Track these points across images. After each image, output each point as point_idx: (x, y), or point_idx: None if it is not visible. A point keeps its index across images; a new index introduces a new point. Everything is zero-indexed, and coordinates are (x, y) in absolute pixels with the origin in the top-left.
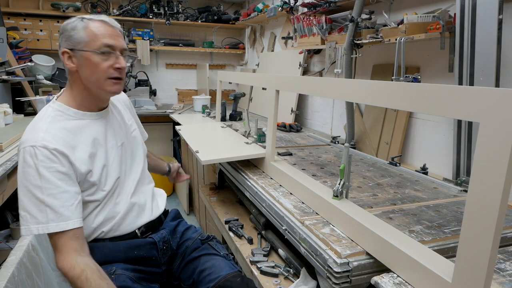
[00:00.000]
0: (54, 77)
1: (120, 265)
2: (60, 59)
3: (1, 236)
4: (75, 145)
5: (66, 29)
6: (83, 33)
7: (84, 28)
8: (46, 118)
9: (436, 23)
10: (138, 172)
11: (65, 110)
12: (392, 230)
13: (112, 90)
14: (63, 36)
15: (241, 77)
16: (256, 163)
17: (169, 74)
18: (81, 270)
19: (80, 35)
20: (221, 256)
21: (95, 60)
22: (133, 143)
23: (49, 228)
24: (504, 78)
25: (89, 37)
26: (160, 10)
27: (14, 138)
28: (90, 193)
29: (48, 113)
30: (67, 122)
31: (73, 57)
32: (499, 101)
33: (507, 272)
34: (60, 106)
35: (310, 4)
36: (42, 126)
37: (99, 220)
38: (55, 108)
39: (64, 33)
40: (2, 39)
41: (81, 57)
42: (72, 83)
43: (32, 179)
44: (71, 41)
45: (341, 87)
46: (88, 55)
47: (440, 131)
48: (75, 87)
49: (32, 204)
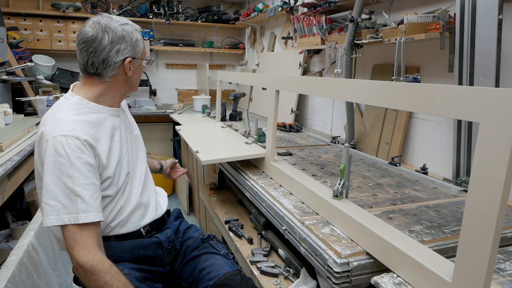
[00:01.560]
0: (54, 77)
1: (126, 265)
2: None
3: (1, 236)
4: (98, 138)
5: (131, 38)
6: (142, 44)
7: (142, 39)
8: (68, 110)
9: (436, 23)
10: (143, 169)
11: (85, 103)
12: (392, 230)
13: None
14: (127, 45)
15: (241, 77)
16: (256, 163)
17: (169, 74)
18: (110, 265)
19: (141, 46)
20: (221, 255)
21: (142, 66)
22: (137, 141)
23: (78, 219)
24: (504, 78)
25: (144, 48)
26: (160, 10)
27: (14, 138)
28: (104, 187)
29: (70, 105)
30: (89, 115)
31: (132, 65)
32: (499, 101)
33: (507, 272)
34: (81, 99)
35: (310, 4)
36: (67, 118)
37: (109, 215)
38: (75, 101)
39: (127, 42)
40: (2, 39)
41: (138, 65)
42: (105, 85)
43: (63, 169)
44: (136, 51)
45: (341, 87)
46: (141, 64)
47: (440, 131)
48: (110, 88)
49: (63, 193)
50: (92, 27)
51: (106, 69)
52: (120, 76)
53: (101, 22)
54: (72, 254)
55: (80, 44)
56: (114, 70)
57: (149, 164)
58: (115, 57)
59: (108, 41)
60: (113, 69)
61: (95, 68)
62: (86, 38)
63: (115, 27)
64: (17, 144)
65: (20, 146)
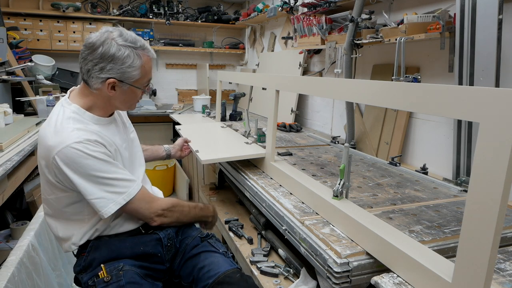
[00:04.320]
0: (54, 77)
1: (127, 261)
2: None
3: (1, 236)
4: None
5: (122, 62)
6: (138, 72)
7: (141, 66)
8: (67, 119)
9: (436, 23)
10: (141, 171)
11: (82, 113)
12: (392, 230)
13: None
14: (115, 67)
15: (241, 77)
16: (256, 163)
17: (169, 74)
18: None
19: (135, 74)
20: (220, 253)
21: (137, 92)
22: (132, 145)
23: (131, 193)
24: (504, 78)
25: (141, 75)
26: (160, 10)
27: (14, 138)
28: None
29: (67, 115)
30: (87, 125)
31: (117, 87)
32: (499, 101)
33: (507, 272)
34: (78, 109)
35: (310, 4)
36: (69, 126)
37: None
38: (72, 110)
39: (116, 64)
40: (2, 39)
41: (127, 89)
42: (94, 96)
43: (94, 166)
44: (125, 76)
45: (341, 87)
46: (134, 89)
47: (440, 131)
48: (98, 100)
49: (106, 186)
50: (99, 34)
51: (90, 80)
52: (104, 92)
53: (109, 33)
54: (148, 218)
55: (82, 46)
56: (98, 84)
57: (154, 152)
58: (98, 73)
59: (99, 55)
60: (96, 82)
61: (83, 74)
62: (87, 42)
63: (114, 44)
64: (17, 144)
65: (20, 146)
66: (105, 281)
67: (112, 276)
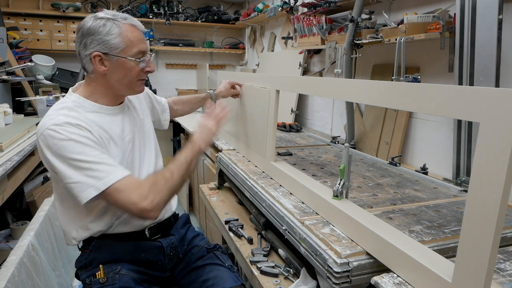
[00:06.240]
0: (54, 77)
1: (126, 265)
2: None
3: (1, 236)
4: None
5: (98, 32)
6: (119, 39)
7: (120, 33)
8: (62, 107)
9: (436, 23)
10: (151, 167)
11: (82, 101)
12: (392, 230)
13: (140, 90)
14: (94, 39)
15: (241, 77)
16: (256, 163)
17: (169, 74)
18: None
19: (117, 41)
20: (226, 267)
21: (130, 65)
22: (146, 138)
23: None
24: (504, 78)
25: (125, 44)
26: (160, 10)
27: (14, 138)
28: None
29: (65, 103)
30: (85, 113)
31: (106, 61)
32: (499, 101)
33: (507, 272)
34: (78, 97)
35: (310, 4)
36: (59, 112)
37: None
38: (71, 99)
39: (94, 35)
40: (2, 39)
41: (116, 61)
42: (94, 81)
43: (72, 149)
44: (106, 46)
45: (341, 87)
46: (124, 61)
47: (440, 131)
48: (98, 85)
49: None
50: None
51: (83, 63)
52: (97, 75)
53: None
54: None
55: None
56: (89, 65)
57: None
58: (84, 51)
59: (80, 33)
60: (87, 63)
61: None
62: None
63: (91, 18)
64: (17, 144)
65: (20, 146)
66: (101, 283)
67: (108, 278)
